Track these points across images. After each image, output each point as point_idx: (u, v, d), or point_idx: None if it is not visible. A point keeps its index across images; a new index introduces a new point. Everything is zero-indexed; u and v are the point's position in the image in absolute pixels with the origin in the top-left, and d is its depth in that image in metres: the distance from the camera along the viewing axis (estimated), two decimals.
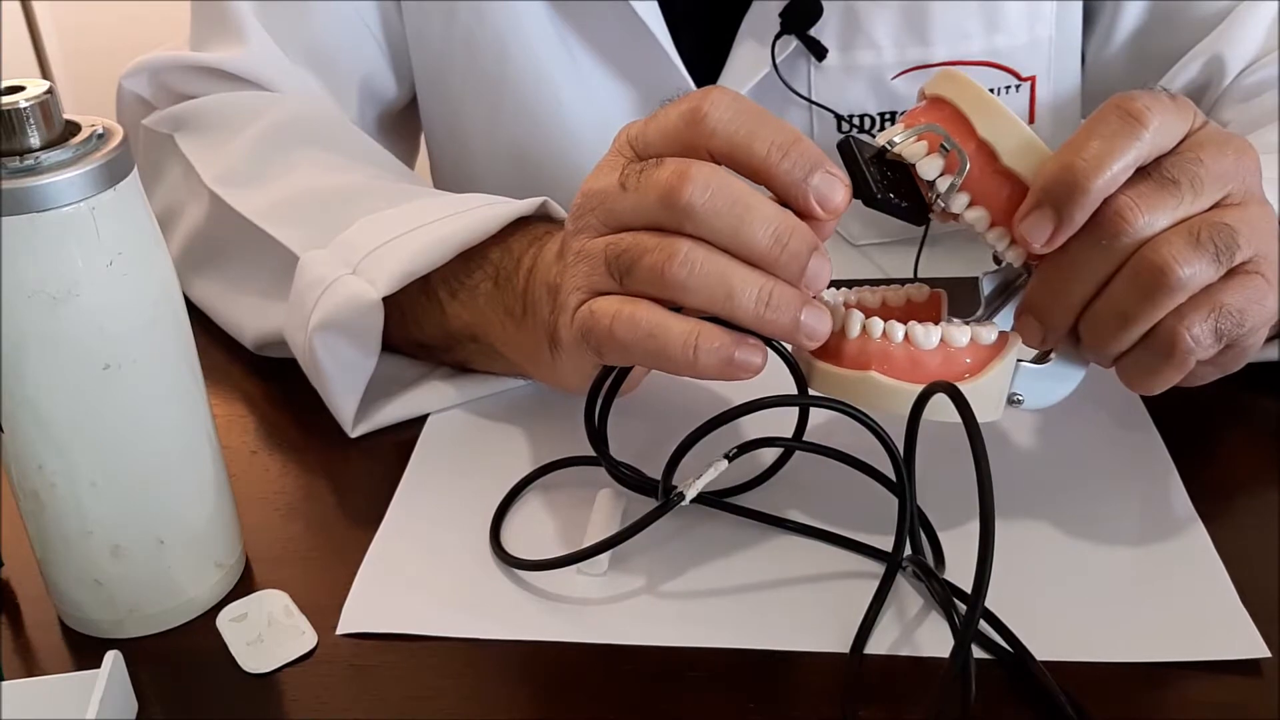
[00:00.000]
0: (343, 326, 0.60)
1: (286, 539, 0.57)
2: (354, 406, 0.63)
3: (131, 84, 0.81)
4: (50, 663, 0.52)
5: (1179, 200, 0.48)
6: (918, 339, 0.50)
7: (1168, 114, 0.48)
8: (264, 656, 0.50)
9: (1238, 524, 0.55)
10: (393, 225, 0.62)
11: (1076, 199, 0.47)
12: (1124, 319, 0.49)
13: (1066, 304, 0.50)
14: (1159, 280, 0.47)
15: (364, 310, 0.60)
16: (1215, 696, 0.47)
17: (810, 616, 0.51)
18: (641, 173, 0.49)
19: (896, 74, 0.76)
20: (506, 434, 0.63)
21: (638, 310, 0.49)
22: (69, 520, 0.49)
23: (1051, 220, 0.48)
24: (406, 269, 0.60)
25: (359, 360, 0.62)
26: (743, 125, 0.48)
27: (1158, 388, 0.51)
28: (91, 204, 0.45)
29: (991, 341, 0.51)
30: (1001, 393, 0.52)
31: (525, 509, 0.58)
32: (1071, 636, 0.49)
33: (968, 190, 0.51)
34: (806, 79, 0.77)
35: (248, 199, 0.69)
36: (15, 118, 0.44)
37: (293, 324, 0.63)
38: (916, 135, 0.51)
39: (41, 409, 0.47)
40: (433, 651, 0.50)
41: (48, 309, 0.45)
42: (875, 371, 0.50)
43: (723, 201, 0.47)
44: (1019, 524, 0.55)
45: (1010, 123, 0.50)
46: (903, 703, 0.47)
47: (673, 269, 0.47)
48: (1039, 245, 0.49)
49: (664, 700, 0.48)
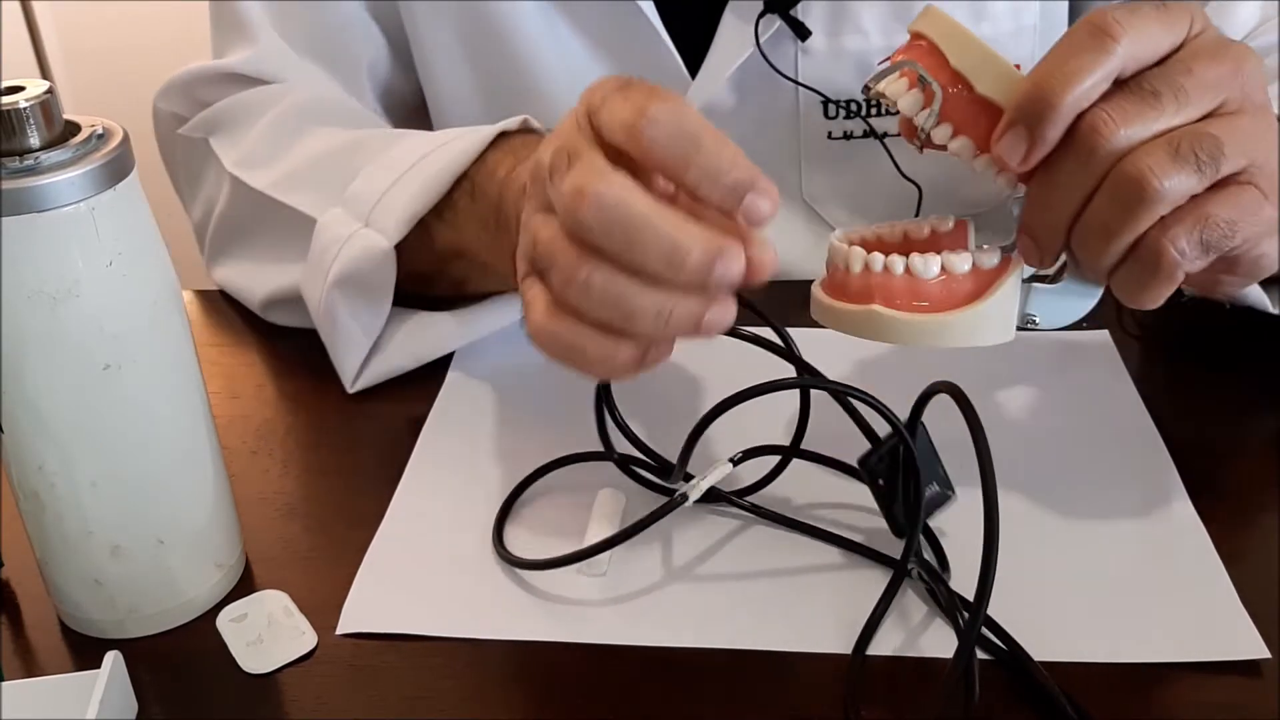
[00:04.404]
0: (360, 280, 0.64)
1: (286, 539, 0.57)
2: (359, 362, 0.67)
3: (165, 103, 0.84)
4: (50, 663, 0.52)
5: (1159, 113, 0.47)
6: (918, 270, 0.51)
7: (1147, 24, 0.48)
8: (264, 657, 0.50)
9: (1237, 524, 0.55)
10: (392, 167, 0.65)
11: (1047, 116, 0.48)
12: (1107, 233, 0.49)
13: (1055, 221, 0.50)
14: (1137, 192, 0.47)
15: (379, 261, 0.63)
16: (1215, 697, 0.47)
17: (811, 617, 0.51)
18: (560, 171, 0.48)
19: (882, 59, 0.76)
20: (506, 434, 0.63)
21: (555, 327, 0.48)
22: (69, 520, 0.49)
23: (1025, 139, 0.49)
24: (412, 211, 0.63)
25: (371, 313, 0.66)
26: (676, 150, 0.47)
27: (1150, 301, 0.51)
28: (91, 204, 0.45)
29: (994, 265, 0.51)
30: (1009, 314, 0.52)
31: (525, 509, 0.58)
32: (1072, 637, 0.49)
33: (949, 121, 0.51)
34: (794, 61, 0.77)
35: (262, 176, 0.73)
36: (15, 118, 0.44)
37: (310, 280, 0.67)
38: (898, 73, 0.52)
39: (41, 409, 0.47)
40: (433, 652, 0.50)
41: (48, 309, 0.45)
42: (878, 305, 0.51)
43: (617, 224, 0.46)
44: (1019, 524, 0.55)
45: (983, 52, 0.50)
46: (905, 704, 0.47)
47: (569, 293, 0.47)
48: (1016, 164, 0.49)
49: (664, 701, 0.48)
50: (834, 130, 0.78)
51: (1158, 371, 0.66)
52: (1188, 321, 0.69)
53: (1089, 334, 0.68)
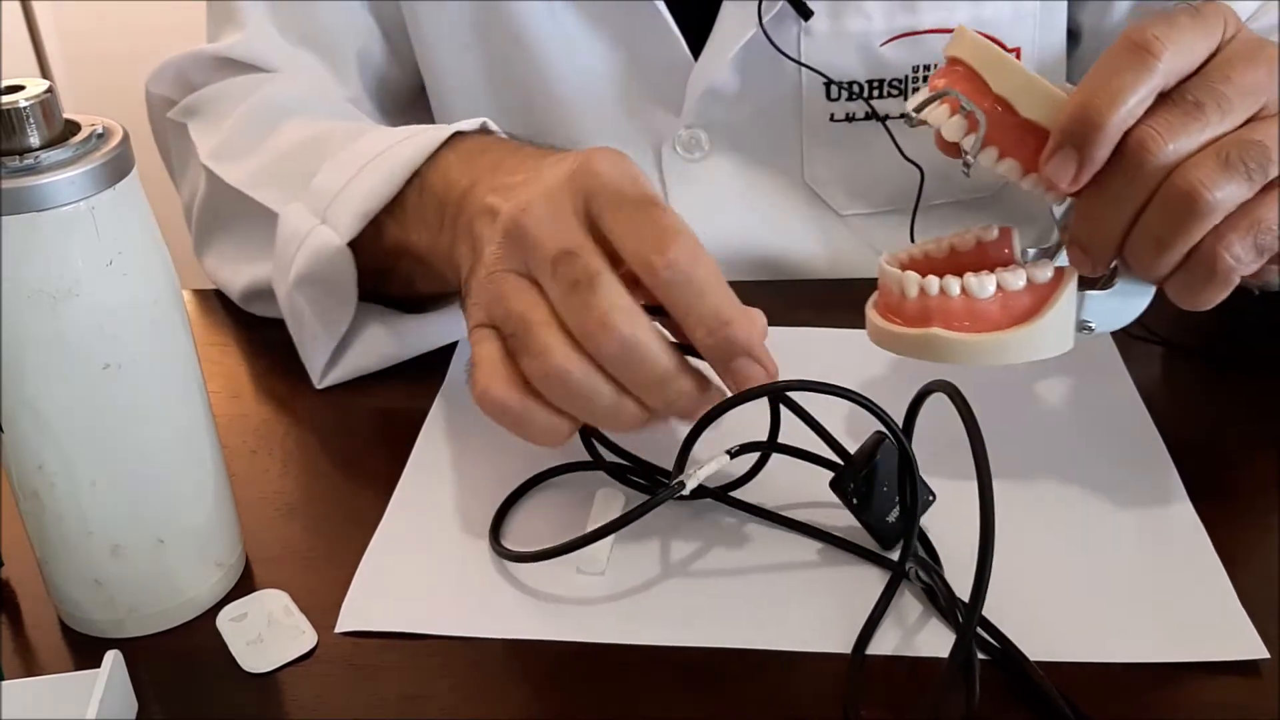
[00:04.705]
0: (321, 277, 0.64)
1: (286, 539, 0.57)
2: (326, 357, 0.67)
3: (156, 86, 0.84)
4: (50, 663, 0.52)
5: (1204, 124, 0.48)
6: (973, 290, 0.52)
7: (1184, 35, 0.49)
8: (264, 656, 0.50)
9: (1237, 524, 0.55)
10: (349, 164, 0.65)
11: (1094, 137, 0.48)
12: (1160, 244, 0.49)
13: (1107, 234, 0.51)
14: (1189, 205, 0.48)
15: (336, 259, 0.64)
16: (1215, 697, 0.47)
17: (811, 617, 0.51)
18: (578, 286, 0.49)
19: (884, 41, 0.76)
20: (506, 434, 0.63)
21: (508, 400, 0.51)
22: (69, 520, 0.49)
23: (1074, 160, 0.49)
24: (363, 209, 0.63)
25: (337, 309, 0.66)
26: (685, 294, 0.49)
27: (1206, 304, 0.51)
28: (91, 203, 0.45)
29: (1048, 279, 0.52)
30: (1067, 324, 0.53)
31: (525, 509, 0.58)
32: (1071, 637, 0.49)
33: (994, 145, 0.52)
34: (796, 43, 0.77)
35: (235, 170, 0.73)
36: (15, 117, 0.44)
37: (277, 277, 0.67)
38: (939, 101, 0.53)
39: (41, 409, 0.47)
40: (432, 651, 0.50)
41: (48, 309, 0.45)
42: (938, 328, 0.52)
43: (631, 359, 0.49)
44: (1018, 524, 0.55)
45: (1022, 75, 0.51)
46: (904, 704, 0.47)
47: (537, 374, 0.50)
48: (1066, 185, 0.50)
49: (664, 701, 0.48)
50: (836, 112, 0.78)
51: (1158, 371, 0.66)
52: (1188, 322, 0.69)
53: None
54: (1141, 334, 0.68)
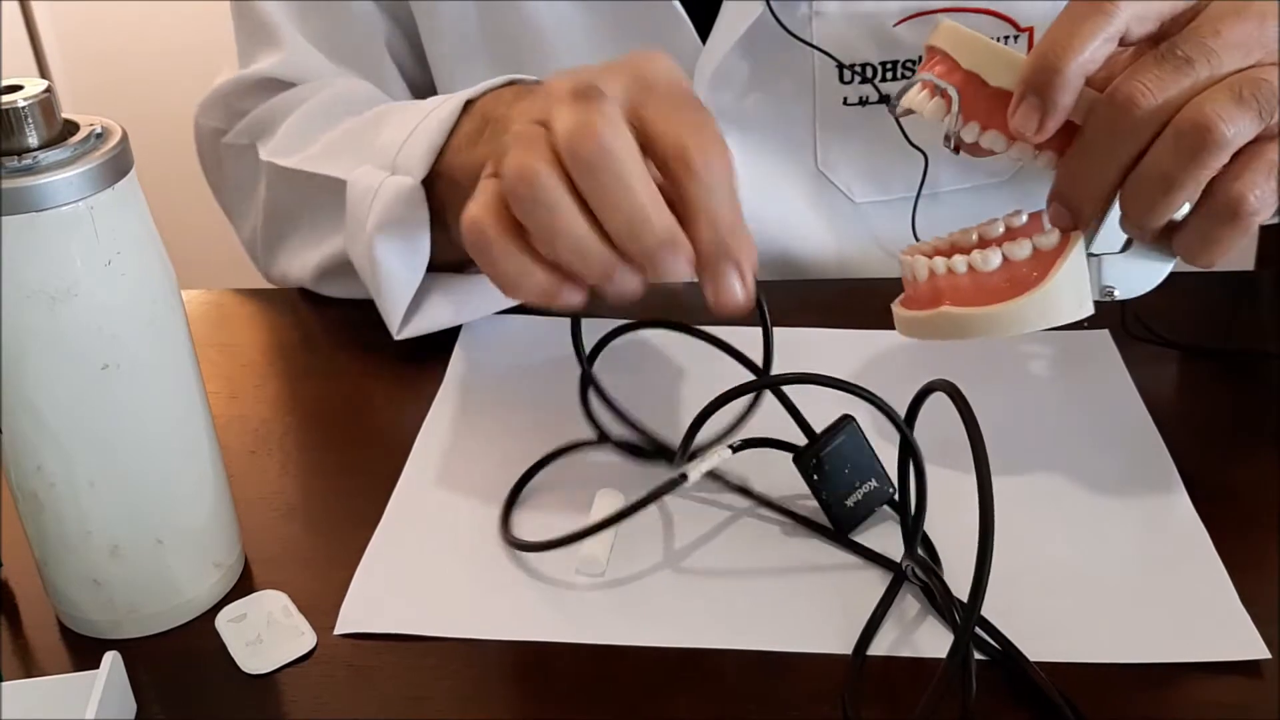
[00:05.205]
0: (398, 223, 0.65)
1: (286, 539, 0.57)
2: (404, 305, 0.68)
3: (205, 118, 0.85)
4: (49, 663, 0.52)
5: (1193, 79, 0.48)
6: (978, 265, 0.52)
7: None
8: (263, 657, 0.50)
9: (1238, 525, 0.55)
10: (412, 118, 0.67)
11: (1054, 81, 0.49)
12: (1168, 182, 0.49)
13: (1093, 188, 0.51)
14: (1204, 138, 0.47)
15: (411, 200, 0.65)
16: (1215, 697, 0.47)
17: (810, 618, 0.51)
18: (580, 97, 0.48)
19: (897, 21, 0.76)
20: (505, 435, 0.63)
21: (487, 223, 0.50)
22: (68, 520, 0.49)
23: (1037, 108, 0.50)
24: (430, 145, 0.65)
25: (414, 257, 0.67)
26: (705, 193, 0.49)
27: (1220, 256, 0.51)
28: (90, 203, 0.45)
29: (1054, 245, 0.52)
30: (1079, 289, 0.52)
31: (526, 507, 0.58)
32: (1071, 637, 0.49)
33: (975, 120, 0.53)
34: (808, 26, 0.76)
35: (296, 158, 0.75)
36: (14, 117, 0.44)
37: (353, 236, 0.68)
38: (918, 85, 0.55)
39: (41, 409, 0.47)
40: (432, 652, 0.50)
41: (47, 309, 0.45)
42: (947, 305, 0.53)
43: (608, 172, 0.48)
44: (1019, 524, 0.55)
45: (988, 48, 0.52)
46: (904, 704, 0.47)
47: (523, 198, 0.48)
48: (1032, 134, 0.50)
49: (663, 701, 0.48)
50: (849, 96, 0.78)
51: (1158, 371, 0.66)
52: (1188, 322, 0.69)
53: (1089, 333, 0.68)
54: (1142, 334, 0.68)
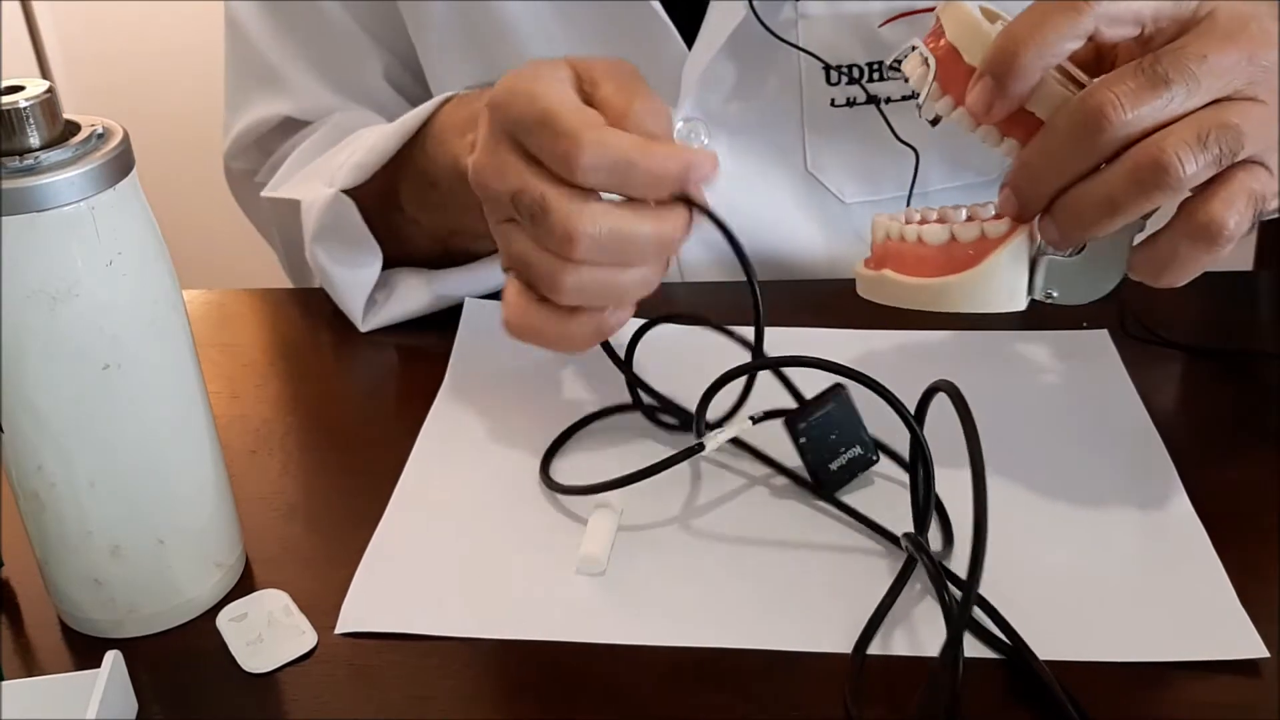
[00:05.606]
0: (332, 229, 0.70)
1: (286, 539, 0.57)
2: (361, 301, 0.72)
3: (236, 163, 0.89)
4: (50, 663, 0.52)
5: (1168, 100, 0.48)
6: (926, 237, 0.54)
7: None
8: (264, 656, 0.50)
9: (1237, 524, 0.55)
10: (360, 143, 0.71)
11: (1012, 67, 0.50)
12: (1111, 206, 0.49)
13: (1043, 186, 0.51)
14: (1159, 178, 0.48)
15: (336, 206, 0.69)
16: (1215, 696, 0.47)
17: (811, 616, 0.51)
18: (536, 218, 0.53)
19: (883, 22, 0.76)
20: (506, 435, 0.63)
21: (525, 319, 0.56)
22: (69, 520, 0.49)
23: (990, 91, 0.51)
24: (361, 162, 0.69)
25: (359, 255, 0.71)
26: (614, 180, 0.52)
27: (1185, 277, 0.51)
28: (91, 203, 0.45)
29: (1000, 235, 0.53)
30: (1015, 282, 0.53)
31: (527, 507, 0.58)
32: (1072, 636, 0.49)
33: (950, 94, 0.54)
34: (793, 29, 0.76)
35: (280, 188, 0.77)
36: (15, 117, 0.44)
37: (307, 248, 0.72)
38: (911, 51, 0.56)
39: (41, 409, 0.47)
40: (433, 651, 0.50)
41: (47, 309, 0.45)
42: (889, 270, 0.55)
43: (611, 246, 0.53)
44: (1019, 524, 0.55)
45: (973, 25, 0.53)
46: (906, 703, 0.47)
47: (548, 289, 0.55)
48: (981, 113, 0.52)
49: (663, 700, 0.48)
50: (837, 97, 0.77)
51: (1158, 371, 0.66)
52: (1188, 322, 0.69)
53: (1089, 334, 0.68)
54: (1141, 334, 0.68)
